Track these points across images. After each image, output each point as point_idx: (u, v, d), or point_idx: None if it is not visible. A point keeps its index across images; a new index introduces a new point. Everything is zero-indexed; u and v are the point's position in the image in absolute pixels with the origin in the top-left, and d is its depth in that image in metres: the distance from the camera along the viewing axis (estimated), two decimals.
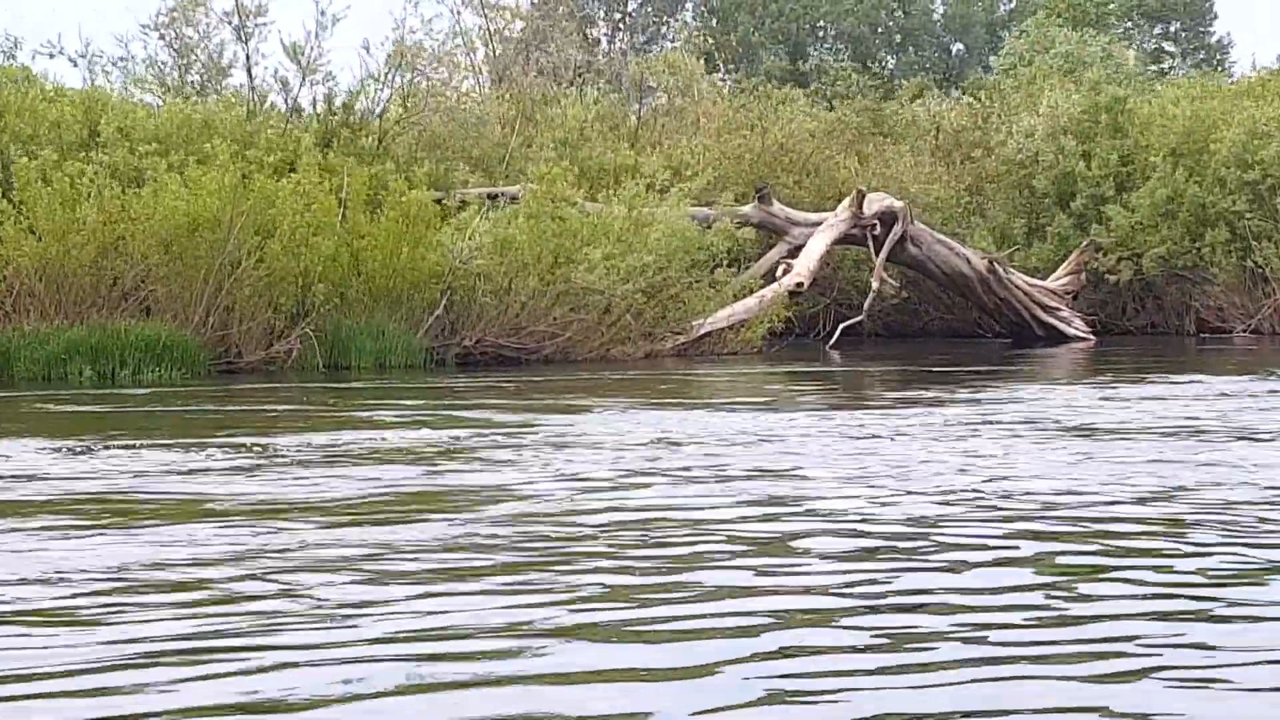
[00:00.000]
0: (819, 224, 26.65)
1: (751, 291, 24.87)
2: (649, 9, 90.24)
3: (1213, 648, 5.24)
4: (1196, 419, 13.38)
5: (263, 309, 20.37)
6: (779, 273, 25.56)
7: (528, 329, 22.10)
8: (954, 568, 6.62)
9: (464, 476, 9.94)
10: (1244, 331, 28.76)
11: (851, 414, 14.52)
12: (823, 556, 6.94)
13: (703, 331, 23.71)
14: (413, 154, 25.31)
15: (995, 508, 8.36)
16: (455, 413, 15.18)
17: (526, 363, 22.05)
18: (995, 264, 27.72)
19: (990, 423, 13.27)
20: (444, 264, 21.58)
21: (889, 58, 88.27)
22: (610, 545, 7.30)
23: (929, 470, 9.88)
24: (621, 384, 18.65)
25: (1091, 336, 27.94)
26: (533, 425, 13.33)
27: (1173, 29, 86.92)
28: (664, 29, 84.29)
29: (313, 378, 19.84)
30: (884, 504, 8.49)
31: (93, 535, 7.68)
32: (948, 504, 8.42)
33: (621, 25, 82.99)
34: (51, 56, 27.67)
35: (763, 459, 10.65)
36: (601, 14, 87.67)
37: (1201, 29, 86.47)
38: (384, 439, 12.31)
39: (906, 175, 30.41)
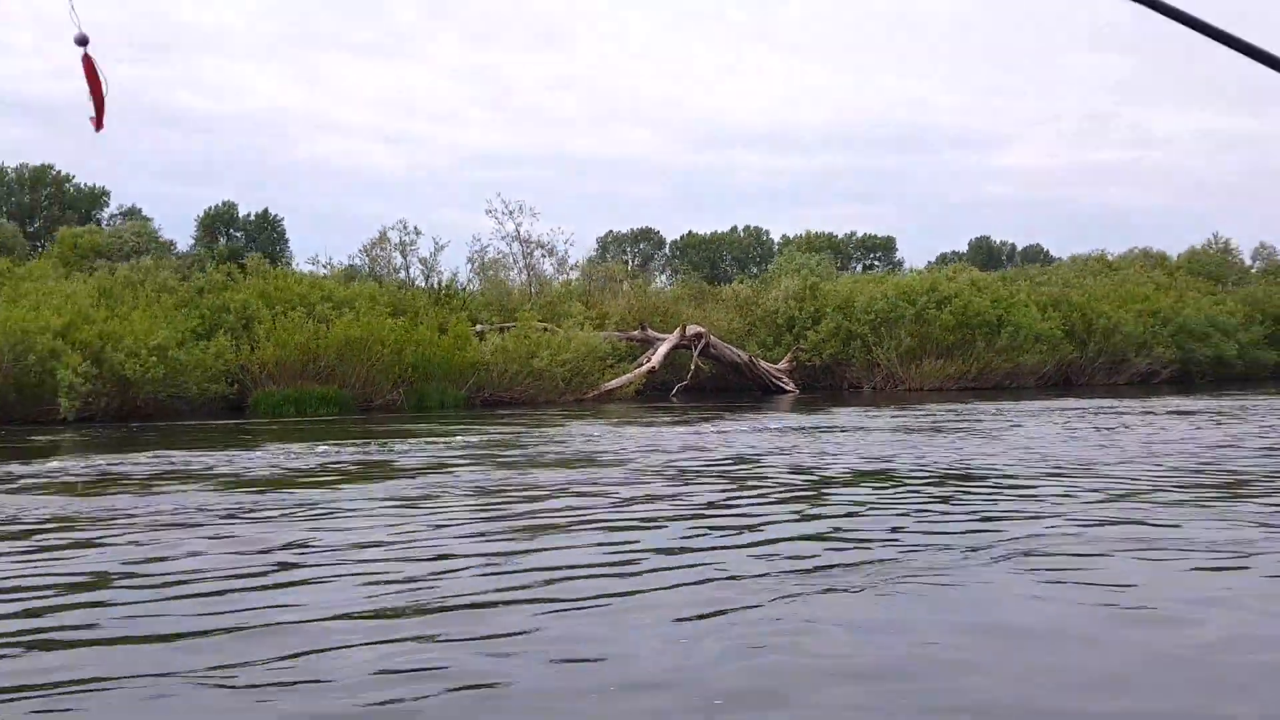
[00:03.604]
0: (665, 340, 25.44)
1: (628, 372, 23.69)
2: (648, 243, 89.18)
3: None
4: (855, 421, 13.75)
5: (382, 379, 19.33)
6: (642, 360, 24.36)
7: (515, 389, 21.00)
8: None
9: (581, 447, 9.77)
10: (870, 388, 27.45)
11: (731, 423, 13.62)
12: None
13: (604, 389, 22.54)
14: (475, 306, 24.29)
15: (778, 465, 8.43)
16: (506, 429, 13.91)
17: (514, 405, 20.90)
18: (752, 359, 26.47)
19: (757, 429, 12.77)
20: (474, 358, 20.54)
21: (754, 268, 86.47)
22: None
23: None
24: (576, 413, 17.40)
25: (797, 390, 26.54)
26: (558, 431, 12.51)
27: (877, 255, 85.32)
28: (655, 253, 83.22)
29: (408, 412, 18.78)
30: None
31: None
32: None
33: (637, 252, 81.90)
34: (312, 264, 26.89)
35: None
36: (628, 246, 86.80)
37: (891, 250, 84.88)
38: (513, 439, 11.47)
39: (715, 317, 29.12)
